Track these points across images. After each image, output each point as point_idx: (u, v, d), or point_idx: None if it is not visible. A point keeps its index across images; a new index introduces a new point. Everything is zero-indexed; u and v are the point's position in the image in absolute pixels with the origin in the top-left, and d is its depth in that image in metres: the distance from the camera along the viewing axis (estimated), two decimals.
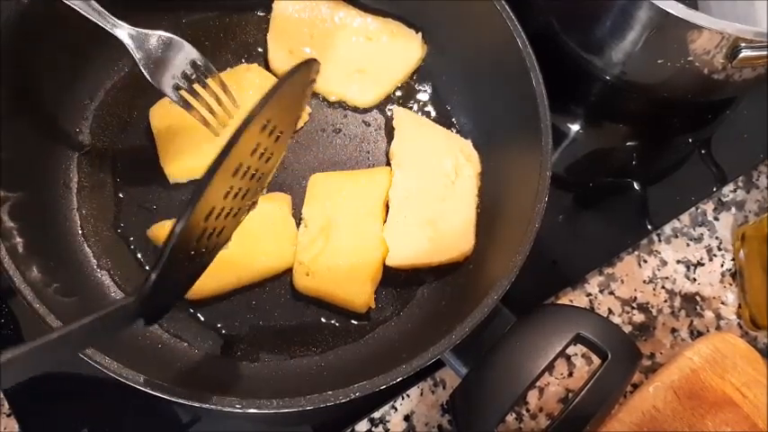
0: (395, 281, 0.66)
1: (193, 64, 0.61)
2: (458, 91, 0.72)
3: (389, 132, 0.71)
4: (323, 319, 0.64)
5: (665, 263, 0.75)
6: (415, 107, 0.73)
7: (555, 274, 0.73)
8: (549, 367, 0.56)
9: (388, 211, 0.66)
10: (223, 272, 0.62)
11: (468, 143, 0.69)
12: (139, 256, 0.64)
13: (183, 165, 0.65)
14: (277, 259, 0.64)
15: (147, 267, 0.64)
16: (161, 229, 0.63)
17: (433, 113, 0.73)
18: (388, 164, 0.70)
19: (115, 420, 0.63)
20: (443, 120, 0.72)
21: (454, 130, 0.71)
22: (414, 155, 0.68)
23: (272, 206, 0.65)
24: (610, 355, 0.56)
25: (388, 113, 0.72)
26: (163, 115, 0.66)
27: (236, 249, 0.62)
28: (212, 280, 0.62)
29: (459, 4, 0.68)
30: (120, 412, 0.63)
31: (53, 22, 0.61)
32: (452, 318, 0.55)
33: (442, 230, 0.65)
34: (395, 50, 0.72)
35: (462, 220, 0.66)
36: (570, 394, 0.69)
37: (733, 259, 0.76)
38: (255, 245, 0.63)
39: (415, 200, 0.66)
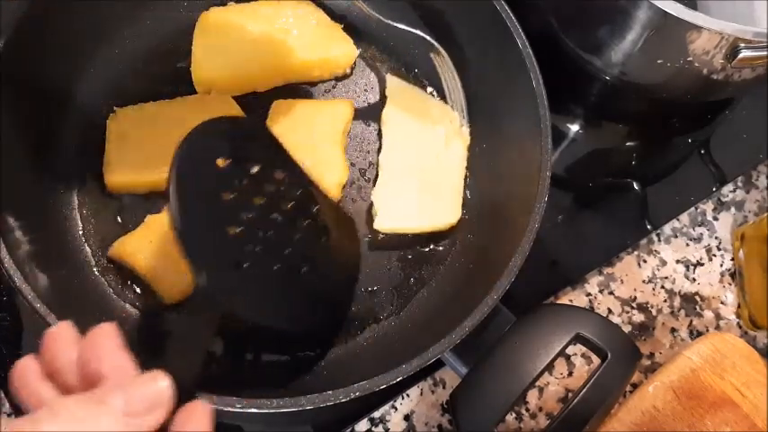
0: (395, 281, 0.66)
1: None
2: (457, 91, 0.72)
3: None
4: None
5: (664, 263, 0.75)
6: None
7: (554, 273, 0.73)
8: (549, 367, 0.56)
9: (377, 176, 0.67)
10: None
11: (457, 116, 0.70)
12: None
13: (124, 177, 0.65)
14: None
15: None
16: (121, 247, 0.62)
17: None
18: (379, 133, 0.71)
19: None
20: None
21: None
22: (405, 122, 0.69)
23: None
24: (609, 355, 0.56)
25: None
26: (122, 121, 0.66)
27: None
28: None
29: (459, 4, 0.69)
30: None
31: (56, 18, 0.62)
32: (452, 318, 0.55)
33: (430, 198, 0.66)
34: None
35: (450, 189, 0.67)
36: (570, 394, 0.69)
37: (732, 259, 0.76)
38: None
39: (404, 165, 0.67)
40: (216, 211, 0.51)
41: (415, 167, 0.68)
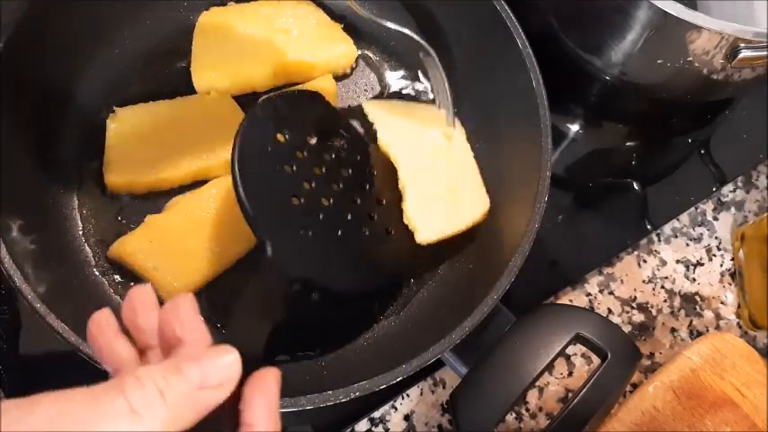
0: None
1: None
2: (457, 91, 0.72)
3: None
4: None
5: (664, 263, 0.75)
6: None
7: (554, 273, 0.73)
8: (549, 367, 0.56)
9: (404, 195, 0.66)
10: (201, 264, 0.62)
11: (442, 112, 0.70)
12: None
13: (124, 177, 0.65)
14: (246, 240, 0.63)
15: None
16: (121, 247, 0.62)
17: None
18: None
19: None
20: None
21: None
22: (402, 136, 0.69)
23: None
24: (609, 355, 0.56)
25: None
26: (122, 121, 0.66)
27: (203, 241, 0.62)
28: (195, 273, 0.62)
29: (458, 4, 0.69)
30: None
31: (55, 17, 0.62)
32: (452, 318, 0.55)
33: (457, 196, 0.66)
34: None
35: (471, 180, 0.68)
36: (570, 394, 0.69)
37: (732, 259, 0.76)
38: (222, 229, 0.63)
39: (423, 176, 0.67)
40: (278, 185, 0.52)
41: (433, 173, 0.67)
